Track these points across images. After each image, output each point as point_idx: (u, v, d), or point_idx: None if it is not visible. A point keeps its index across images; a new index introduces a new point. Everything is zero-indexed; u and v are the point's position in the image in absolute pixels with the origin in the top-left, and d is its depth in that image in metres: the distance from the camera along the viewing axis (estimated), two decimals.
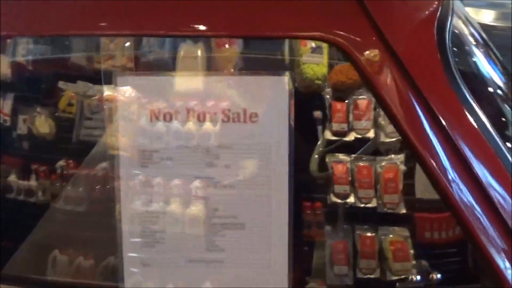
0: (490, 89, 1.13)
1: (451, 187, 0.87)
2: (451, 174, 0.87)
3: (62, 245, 1.40)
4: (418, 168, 1.53)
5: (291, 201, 0.99)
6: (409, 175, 1.52)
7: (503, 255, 0.86)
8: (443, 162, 0.88)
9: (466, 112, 0.88)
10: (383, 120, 1.57)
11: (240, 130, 0.97)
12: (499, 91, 1.17)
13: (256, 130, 0.97)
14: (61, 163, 1.55)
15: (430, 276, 1.14)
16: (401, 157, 1.54)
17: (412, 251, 1.48)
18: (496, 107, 1.11)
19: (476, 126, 0.87)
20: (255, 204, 0.99)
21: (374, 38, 0.89)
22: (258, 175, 0.98)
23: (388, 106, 0.90)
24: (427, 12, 0.95)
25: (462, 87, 0.89)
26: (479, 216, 0.87)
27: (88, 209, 1.45)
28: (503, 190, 0.87)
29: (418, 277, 1.09)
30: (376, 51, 0.89)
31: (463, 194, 0.87)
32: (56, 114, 1.60)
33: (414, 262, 1.49)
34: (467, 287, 1.23)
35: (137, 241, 1.01)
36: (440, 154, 0.88)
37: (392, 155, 1.55)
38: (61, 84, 1.61)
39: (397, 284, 1.21)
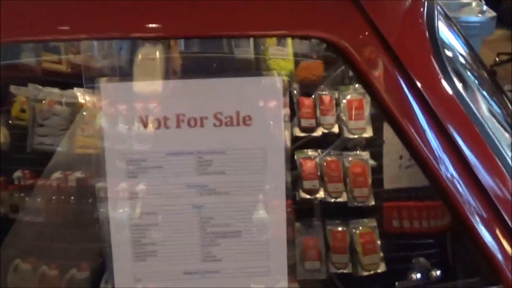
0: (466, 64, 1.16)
1: (445, 177, 0.89)
2: (442, 157, 0.90)
3: (30, 257, 1.31)
4: (385, 160, 1.57)
5: (288, 205, 0.97)
6: (377, 169, 1.55)
7: (487, 226, 0.89)
8: (439, 155, 0.90)
9: (459, 103, 0.91)
10: (344, 116, 1.60)
11: (233, 134, 0.94)
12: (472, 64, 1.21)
13: (250, 133, 0.94)
14: (18, 173, 1.45)
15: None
16: (366, 153, 1.56)
17: (379, 242, 1.51)
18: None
19: (469, 119, 0.90)
20: (251, 210, 0.96)
21: (367, 32, 0.89)
22: (253, 180, 0.95)
23: (382, 99, 0.90)
24: (415, 2, 0.96)
25: (452, 74, 0.92)
26: (467, 196, 0.91)
27: (65, 221, 1.37)
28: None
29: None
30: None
31: (453, 178, 0.90)
32: (10, 121, 1.50)
33: (381, 254, 1.52)
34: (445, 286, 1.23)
35: (128, 255, 0.96)
36: (435, 147, 0.90)
37: (358, 151, 1.57)
38: (13, 89, 1.50)
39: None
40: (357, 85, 1.59)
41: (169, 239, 0.96)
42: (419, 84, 0.89)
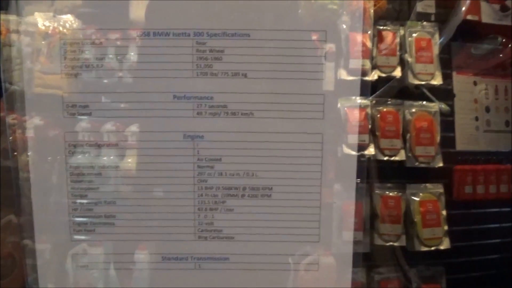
0: None
1: None
2: None
3: None
4: (458, 118, 1.28)
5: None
6: (447, 126, 1.26)
7: None
8: None
9: None
10: (409, 57, 1.30)
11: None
12: None
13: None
14: None
15: None
16: (435, 105, 1.27)
17: (444, 213, 1.24)
18: None
19: None
20: (293, 150, 0.60)
21: None
22: (302, 91, 0.58)
23: None
24: None
25: None
26: None
27: None
28: None
29: None
30: None
31: None
32: None
33: (446, 227, 1.24)
34: None
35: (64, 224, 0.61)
36: None
37: (424, 102, 1.28)
38: None
39: None
40: (425, 23, 1.30)
41: (134, 196, 0.56)
42: None
